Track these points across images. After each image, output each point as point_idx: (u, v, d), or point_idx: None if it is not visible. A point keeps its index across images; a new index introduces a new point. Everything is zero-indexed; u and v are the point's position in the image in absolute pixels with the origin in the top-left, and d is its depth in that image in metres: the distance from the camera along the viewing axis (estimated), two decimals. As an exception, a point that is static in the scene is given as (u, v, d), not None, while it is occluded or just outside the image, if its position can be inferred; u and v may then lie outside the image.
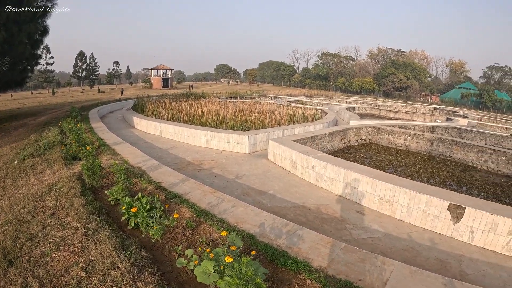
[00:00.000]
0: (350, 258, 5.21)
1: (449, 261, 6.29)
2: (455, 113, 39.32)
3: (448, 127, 21.97)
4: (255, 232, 5.85)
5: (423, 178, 12.19)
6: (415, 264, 5.99)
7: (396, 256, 6.19)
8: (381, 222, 7.70)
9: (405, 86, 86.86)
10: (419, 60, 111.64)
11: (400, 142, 17.41)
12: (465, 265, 6.24)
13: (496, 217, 6.74)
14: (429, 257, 6.35)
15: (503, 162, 14.66)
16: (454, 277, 5.74)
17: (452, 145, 16.03)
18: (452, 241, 7.12)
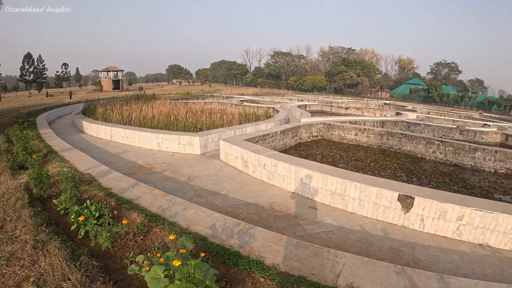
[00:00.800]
0: (302, 253, 5.50)
1: (402, 249, 6.85)
2: (404, 108, 42.43)
3: (397, 121, 23.85)
4: (207, 233, 6.04)
5: (374, 171, 13.17)
6: (369, 254, 6.44)
7: (350, 248, 6.62)
8: (334, 216, 8.21)
9: (356, 83, 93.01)
10: (369, 58, 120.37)
11: (351, 137, 18.59)
12: (418, 252, 6.83)
13: (445, 204, 7.51)
14: (383, 246, 6.86)
15: (451, 152, 16.42)
16: (408, 264, 6.27)
17: (402, 138, 17.52)
18: (404, 229, 7.77)
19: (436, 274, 5.32)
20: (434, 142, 16.82)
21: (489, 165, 16.00)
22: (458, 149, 16.37)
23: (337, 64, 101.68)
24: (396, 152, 17.43)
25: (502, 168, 16.00)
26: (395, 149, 17.64)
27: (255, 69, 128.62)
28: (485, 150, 16.09)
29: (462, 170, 15.45)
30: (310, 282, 4.76)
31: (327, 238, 7.00)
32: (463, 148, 16.31)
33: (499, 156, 16.05)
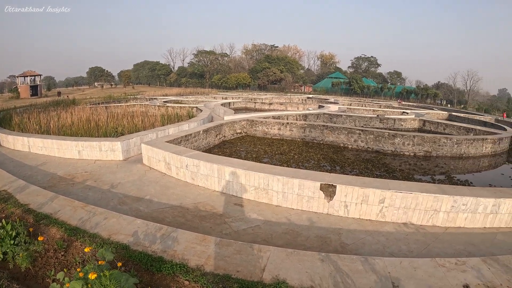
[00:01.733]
0: (226, 251, 5.51)
1: (328, 236, 7.15)
2: (326, 101, 44.75)
3: (319, 114, 25.01)
4: (129, 241, 5.90)
5: (299, 163, 13.63)
6: (297, 245, 6.63)
7: (278, 241, 6.77)
8: (259, 210, 8.39)
9: (279, 79, 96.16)
10: (292, 54, 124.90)
11: (274, 132, 19.09)
12: (344, 237, 7.17)
13: (366, 189, 8.01)
14: (309, 236, 7.11)
15: (372, 140, 17.64)
16: (336, 250, 6.54)
17: (324, 129, 18.48)
18: (329, 217, 8.12)
19: (360, 256, 5.55)
20: (355, 131, 17.99)
21: (408, 149, 17.39)
22: (379, 136, 17.62)
23: (260, 61, 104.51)
24: (319, 143, 18.32)
25: (421, 151, 17.50)
26: (318, 141, 18.51)
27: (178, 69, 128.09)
28: (403, 136, 17.50)
29: (384, 156, 16.61)
30: (236, 280, 4.77)
31: (254, 234, 7.13)
32: (383, 135, 17.58)
33: (417, 140, 17.52)
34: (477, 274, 5.45)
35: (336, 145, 18.09)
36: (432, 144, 17.74)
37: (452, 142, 18.17)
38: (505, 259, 6.16)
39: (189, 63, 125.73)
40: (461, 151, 18.49)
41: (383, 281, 4.92)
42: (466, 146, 18.69)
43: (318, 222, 7.86)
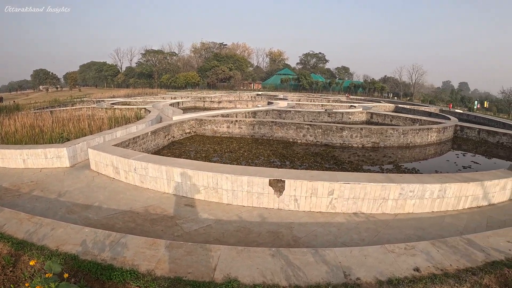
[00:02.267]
0: (176, 254, 5.45)
1: (280, 230, 7.26)
2: (276, 97, 45.46)
3: (268, 110, 25.38)
4: (78, 251, 5.72)
5: (248, 160, 13.71)
6: (249, 241, 6.69)
7: (230, 239, 6.80)
8: (210, 210, 8.38)
9: (229, 77, 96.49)
10: (241, 52, 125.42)
11: (223, 130, 19.08)
12: (296, 230, 7.32)
13: (314, 182, 8.24)
14: (261, 232, 7.18)
15: (320, 134, 18.15)
16: (288, 243, 6.65)
17: (273, 125, 18.78)
18: (280, 212, 8.25)
19: (311, 249, 5.65)
20: (303, 126, 18.42)
21: (356, 141, 17.99)
22: (327, 130, 18.13)
23: (209, 60, 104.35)
24: (269, 139, 18.57)
25: (369, 142, 18.15)
26: (268, 137, 18.76)
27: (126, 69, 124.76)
28: (351, 129, 18.10)
29: (333, 149, 17.10)
30: (187, 282, 4.75)
31: (206, 233, 7.12)
32: (331, 129, 18.11)
33: (364, 132, 18.16)
34: (426, 257, 5.71)
35: (286, 140, 18.45)
36: (380, 135, 18.46)
37: (399, 133, 18.99)
38: (453, 240, 6.50)
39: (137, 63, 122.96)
40: (408, 140, 19.37)
41: (334, 271, 5.04)
42: (412, 136, 19.62)
43: (270, 217, 7.95)
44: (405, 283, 4.88)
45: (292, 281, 4.77)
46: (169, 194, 9.49)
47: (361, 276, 4.97)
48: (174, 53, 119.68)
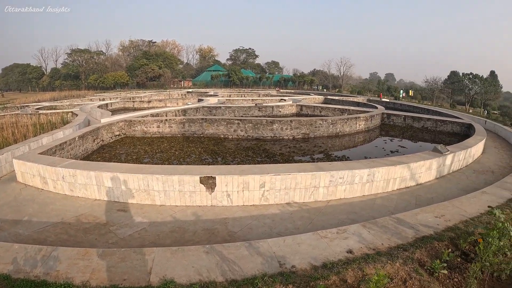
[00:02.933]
0: (110, 261, 5.30)
1: (216, 227, 7.31)
2: (206, 94, 45.34)
3: (199, 107, 25.18)
4: (9, 270, 5.33)
5: (180, 159, 13.58)
6: (185, 241, 6.67)
7: (166, 241, 6.73)
8: (143, 213, 8.20)
9: (158, 75, 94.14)
10: (171, 49, 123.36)
11: (153, 130, 18.65)
12: (231, 225, 7.41)
13: (245, 177, 8.38)
14: (196, 230, 7.18)
15: (251, 128, 18.41)
16: (224, 239, 6.72)
17: (203, 122, 18.75)
18: (214, 208, 8.29)
19: (245, 242, 5.74)
20: (234, 121, 18.60)
21: (287, 134, 18.46)
22: (257, 124, 18.43)
23: (138, 58, 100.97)
24: (200, 136, 18.54)
25: (299, 134, 18.68)
26: (199, 134, 18.71)
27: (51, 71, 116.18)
28: (281, 121, 18.53)
29: (264, 142, 17.43)
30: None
31: (141, 237, 6.97)
32: (261, 122, 18.44)
33: (294, 124, 18.65)
34: (358, 239, 6.02)
35: (217, 136, 18.54)
36: (309, 126, 19.06)
37: (328, 123, 19.73)
38: (383, 220, 6.91)
39: (62, 63, 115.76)
40: (337, 130, 20.18)
41: (269, 261, 5.16)
42: (341, 125, 20.47)
43: (204, 215, 7.96)
44: (339, 265, 5.10)
45: (228, 276, 4.81)
46: (101, 201, 9.13)
47: (296, 263, 5.13)
48: (101, 52, 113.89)
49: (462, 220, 7.31)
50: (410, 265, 5.25)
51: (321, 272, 4.89)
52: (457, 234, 6.51)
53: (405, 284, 4.80)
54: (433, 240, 6.21)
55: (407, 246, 5.89)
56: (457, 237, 6.40)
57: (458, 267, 5.44)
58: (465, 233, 6.48)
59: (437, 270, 5.14)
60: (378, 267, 5.08)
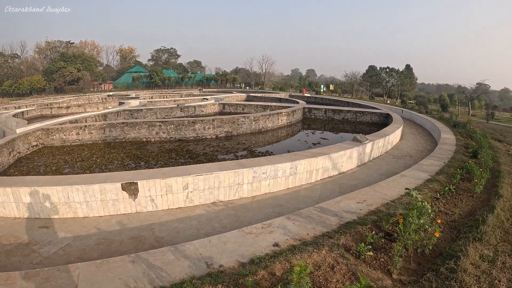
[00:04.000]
0: (34, 283, 4.92)
1: (142, 234, 7.10)
2: (128, 97, 43.68)
3: (119, 111, 24.33)
4: None
5: (101, 166, 12.99)
6: (112, 252, 6.41)
7: (92, 254, 6.40)
8: (67, 227, 7.67)
9: (77, 79, 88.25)
10: (90, 51, 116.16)
11: (73, 137, 17.54)
12: (158, 230, 7.25)
13: (168, 180, 8.23)
14: (123, 239, 6.92)
15: (173, 130, 18.14)
16: (152, 246, 6.54)
17: (124, 127, 18.07)
18: (139, 215, 8.05)
19: (170, 247, 5.65)
20: (155, 124, 18.17)
21: (209, 133, 18.46)
22: (179, 125, 18.22)
23: (55, 61, 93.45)
24: (122, 141, 17.88)
25: (222, 132, 18.76)
26: (120, 139, 18.01)
27: None
28: (203, 121, 18.47)
29: (187, 143, 17.30)
30: None
31: (66, 254, 6.55)
32: (183, 123, 18.26)
33: (217, 123, 18.68)
34: (284, 232, 6.19)
35: (139, 140, 18.03)
36: (232, 124, 19.19)
37: (250, 120, 19.99)
38: (307, 211, 7.16)
39: None
40: (260, 126, 20.53)
41: (197, 263, 5.13)
42: (264, 121, 20.84)
43: (129, 223, 7.70)
44: (267, 259, 5.19)
45: (157, 283, 4.71)
46: (21, 219, 8.33)
47: (223, 262, 5.16)
48: (16, 55, 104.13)
49: (384, 203, 7.82)
50: (336, 251, 5.51)
51: (249, 268, 4.95)
52: (379, 217, 6.94)
53: (333, 270, 5.02)
54: (357, 224, 6.56)
55: (332, 233, 6.16)
56: (379, 219, 6.83)
57: (383, 248, 5.81)
58: (387, 215, 6.92)
59: (363, 253, 5.45)
60: (305, 256, 5.27)
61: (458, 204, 8.45)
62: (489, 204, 8.18)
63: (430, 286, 4.67)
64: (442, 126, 21.02)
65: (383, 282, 4.92)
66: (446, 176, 10.28)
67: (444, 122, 23.82)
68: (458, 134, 18.71)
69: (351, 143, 12.68)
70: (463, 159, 12.45)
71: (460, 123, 23.17)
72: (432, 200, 8.34)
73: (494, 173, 11.35)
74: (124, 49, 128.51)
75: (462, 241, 6.03)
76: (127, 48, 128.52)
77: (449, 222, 7.34)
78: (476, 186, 9.20)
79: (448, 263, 5.21)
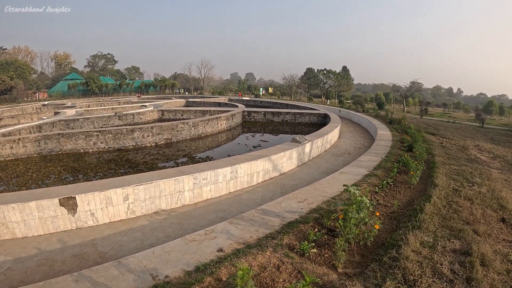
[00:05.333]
0: None
1: (85, 251, 6.79)
2: (64, 106, 41.43)
3: (55, 121, 23.00)
4: None
5: (38, 181, 12.23)
6: (55, 272, 6.07)
7: (35, 276, 6.01)
8: (5, 250, 7.10)
9: (10, 88, 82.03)
10: (23, 57, 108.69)
11: (6, 152, 16.23)
12: (101, 246, 6.97)
13: (107, 192, 7.93)
14: (65, 258, 6.57)
15: (111, 139, 17.54)
16: (96, 262, 6.28)
17: (60, 138, 17.13)
18: (80, 231, 7.68)
19: (113, 262, 5.50)
20: (92, 134, 17.46)
21: (149, 141, 18.07)
22: (117, 134, 17.66)
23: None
24: (58, 154, 16.95)
25: (161, 139, 18.44)
26: (57, 151, 17.07)
27: None
28: (142, 129, 18.04)
29: (126, 152, 16.85)
30: None
31: (8, 278, 6.07)
32: (122, 132, 17.74)
33: (156, 131, 18.33)
34: (227, 236, 6.24)
35: (76, 152, 17.22)
36: (171, 131, 18.94)
37: (189, 126, 19.84)
38: (248, 214, 7.26)
39: None
40: (199, 132, 20.43)
41: (142, 276, 5.03)
42: (203, 126, 20.76)
43: (70, 240, 7.33)
44: (212, 265, 5.21)
45: (102, 301, 4.53)
46: None
47: (168, 273, 5.10)
48: None
49: (324, 200, 8.11)
50: (280, 251, 5.65)
51: (195, 276, 4.95)
52: (321, 214, 7.18)
53: (279, 269, 5.14)
54: (299, 223, 6.74)
55: (275, 234, 6.29)
56: (321, 217, 7.06)
57: (326, 244, 6.04)
58: (328, 212, 7.19)
59: (307, 251, 5.64)
60: (250, 259, 5.36)
61: (396, 196, 8.98)
62: (425, 193, 8.77)
63: (375, 276, 4.93)
64: (378, 123, 22.13)
65: (329, 277, 5.10)
66: (383, 171, 10.85)
67: (380, 120, 25.11)
68: (394, 130, 19.81)
69: (290, 144, 13.00)
70: (399, 153, 13.21)
71: (396, 120, 24.60)
72: (371, 194, 8.79)
73: (429, 165, 12.18)
74: (59, 55, 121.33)
75: (402, 230, 6.44)
76: (63, 54, 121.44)
77: (388, 214, 7.78)
78: (413, 178, 9.86)
79: (390, 253, 5.54)
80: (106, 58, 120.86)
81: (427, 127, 26.96)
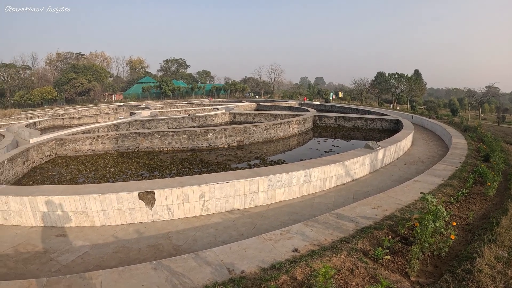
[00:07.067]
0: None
1: (160, 242, 7.16)
2: (138, 107, 44.12)
3: (131, 121, 24.65)
4: None
5: (115, 176, 13.15)
6: (130, 260, 6.45)
7: (111, 262, 6.45)
8: (84, 236, 7.75)
9: (88, 90, 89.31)
10: (100, 62, 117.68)
11: (86, 147, 17.83)
12: (175, 239, 7.30)
13: (184, 189, 8.32)
14: (141, 248, 6.98)
15: (185, 139, 18.38)
16: (170, 254, 6.59)
17: (136, 137, 18.36)
18: (156, 224, 8.12)
19: (192, 254, 5.70)
20: (168, 134, 18.43)
21: (222, 142, 18.59)
22: (191, 135, 18.43)
23: (66, 72, 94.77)
24: (134, 151, 18.12)
25: (234, 141, 18.86)
26: (133, 149, 18.27)
27: None
28: (215, 130, 18.63)
29: (199, 153, 17.44)
30: None
31: (85, 262, 6.60)
32: (196, 133, 18.46)
33: (228, 133, 18.81)
34: (302, 237, 6.24)
35: (152, 150, 18.26)
36: (243, 133, 19.31)
37: (262, 129, 20.10)
38: (323, 217, 7.20)
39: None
40: (271, 135, 20.62)
41: (219, 270, 5.17)
42: (275, 130, 20.94)
43: (146, 231, 7.76)
44: (287, 264, 5.23)
45: (180, 289, 4.73)
46: (38, 227, 8.44)
47: (245, 268, 5.19)
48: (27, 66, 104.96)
49: (398, 208, 7.85)
50: (354, 255, 5.54)
51: (270, 273, 4.99)
52: (395, 222, 6.97)
53: (353, 273, 5.06)
54: (373, 229, 6.59)
55: (349, 238, 6.20)
56: (395, 224, 6.85)
57: (400, 251, 5.86)
58: (402, 220, 6.96)
59: (380, 257, 5.50)
60: (325, 261, 5.31)
61: (471, 207, 8.47)
62: (502, 206, 8.19)
63: (448, 287, 4.71)
64: (453, 130, 20.94)
65: (401, 284, 4.97)
66: (459, 180, 10.27)
67: (454, 127, 23.73)
68: (469, 138, 18.63)
69: (363, 150, 12.72)
70: (475, 163, 12.43)
71: (471, 127, 23.10)
72: (446, 204, 8.37)
73: (506, 176, 11.33)
74: (134, 60, 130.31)
75: (477, 243, 6.07)
76: (137, 59, 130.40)
77: (463, 225, 7.37)
78: (489, 190, 9.22)
79: (465, 265, 5.25)
80: (178, 63, 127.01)
81: (505, 136, 24.95)
